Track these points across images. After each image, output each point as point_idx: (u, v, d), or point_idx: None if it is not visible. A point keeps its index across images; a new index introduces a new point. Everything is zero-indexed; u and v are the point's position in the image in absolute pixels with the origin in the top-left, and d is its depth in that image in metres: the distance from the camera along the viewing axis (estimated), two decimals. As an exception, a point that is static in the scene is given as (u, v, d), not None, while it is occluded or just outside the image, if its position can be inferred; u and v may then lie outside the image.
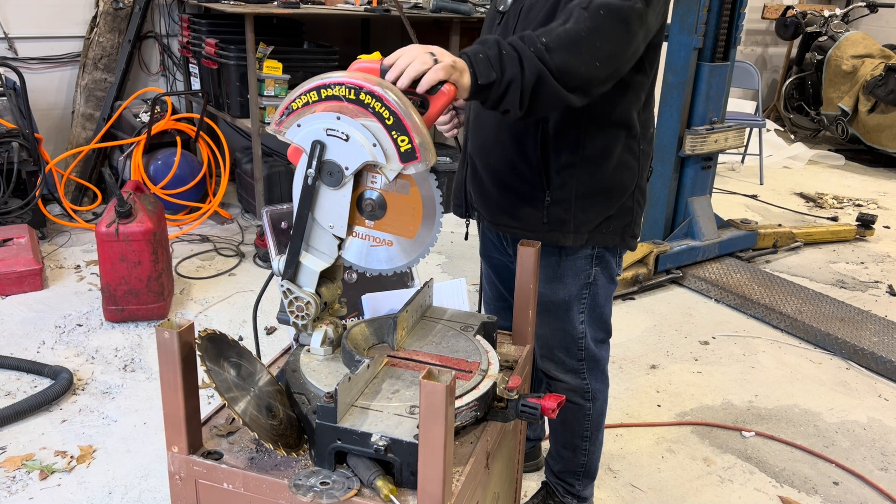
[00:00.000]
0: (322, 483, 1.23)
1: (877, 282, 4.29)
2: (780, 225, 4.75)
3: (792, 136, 7.59)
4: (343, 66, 1.59)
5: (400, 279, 1.96)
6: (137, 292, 3.25)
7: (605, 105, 1.74)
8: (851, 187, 6.25)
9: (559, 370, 2.02)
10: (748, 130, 5.67)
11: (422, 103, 1.40)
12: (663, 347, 3.38)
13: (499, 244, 2.06)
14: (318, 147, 1.37)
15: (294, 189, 1.42)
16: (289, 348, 1.70)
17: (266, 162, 4.51)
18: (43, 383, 2.81)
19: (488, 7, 2.00)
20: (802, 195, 5.90)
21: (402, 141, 1.34)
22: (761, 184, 6.06)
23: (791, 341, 3.53)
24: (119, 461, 2.44)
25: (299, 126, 1.38)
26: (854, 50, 6.81)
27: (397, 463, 1.24)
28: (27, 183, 4.14)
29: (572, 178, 1.80)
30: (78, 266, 3.88)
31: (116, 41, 4.66)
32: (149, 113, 4.46)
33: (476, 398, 1.36)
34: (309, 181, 1.39)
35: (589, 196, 1.82)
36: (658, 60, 1.85)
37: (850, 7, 7.58)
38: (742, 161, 6.53)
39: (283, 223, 1.91)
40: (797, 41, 7.53)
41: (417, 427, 1.20)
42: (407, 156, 1.35)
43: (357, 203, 1.44)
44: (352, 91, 1.33)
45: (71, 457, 2.44)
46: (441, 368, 1.40)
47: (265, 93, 4.27)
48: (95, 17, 4.62)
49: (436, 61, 1.37)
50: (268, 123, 3.37)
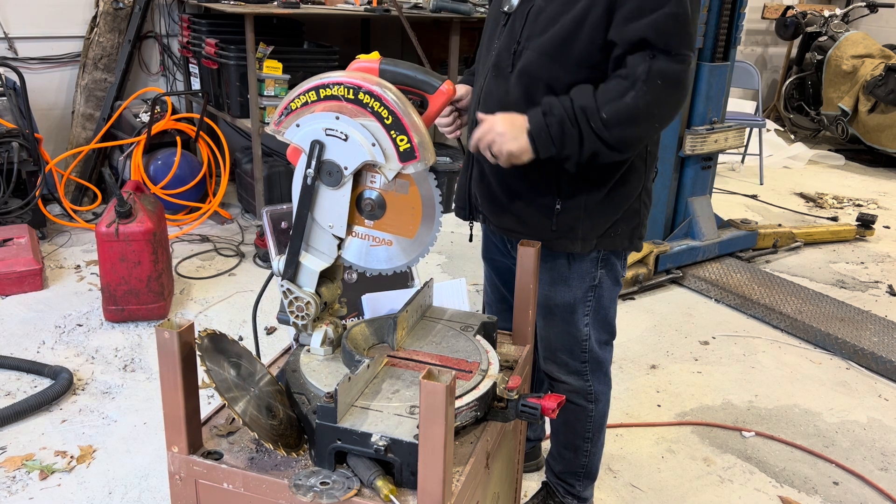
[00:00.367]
0: (322, 483, 1.23)
1: (877, 282, 4.28)
2: (780, 225, 4.75)
3: (792, 136, 7.59)
4: (343, 66, 1.59)
5: (400, 279, 1.96)
6: (137, 292, 3.24)
7: None
8: (851, 187, 6.25)
9: (562, 372, 2.01)
10: (748, 130, 5.67)
11: (421, 103, 1.41)
12: (663, 347, 3.38)
13: (502, 247, 2.06)
14: (318, 147, 1.37)
15: (293, 189, 1.42)
16: (289, 348, 1.70)
17: (266, 162, 4.50)
18: (43, 383, 2.81)
19: (489, 7, 1.98)
20: (802, 195, 5.90)
21: (401, 140, 1.34)
22: (761, 184, 6.06)
23: (791, 341, 3.53)
24: (119, 461, 2.44)
25: (298, 126, 1.38)
26: (854, 50, 6.81)
27: (397, 463, 1.24)
28: (27, 183, 4.14)
29: (584, 185, 1.78)
30: (78, 266, 3.88)
31: (116, 41, 4.66)
32: (149, 113, 4.46)
33: (476, 398, 1.37)
34: (308, 181, 1.40)
35: (598, 202, 1.80)
36: None
37: (850, 7, 7.57)
38: (742, 161, 6.52)
39: (283, 223, 1.91)
40: (797, 41, 7.53)
41: (417, 427, 1.20)
42: (406, 155, 1.35)
43: (356, 203, 1.44)
44: (351, 91, 1.33)
45: (71, 457, 2.44)
46: (441, 368, 1.40)
47: (265, 93, 4.27)
48: (95, 17, 4.62)
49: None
50: (268, 123, 3.37)
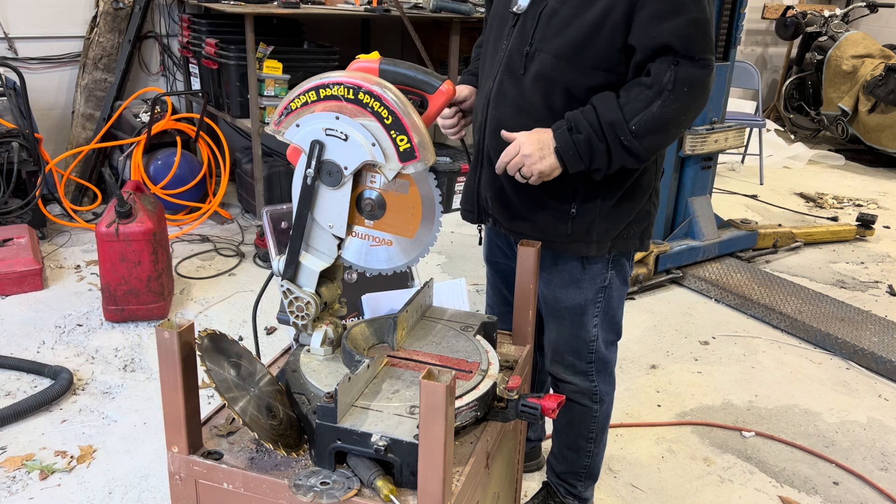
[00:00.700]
0: (322, 483, 1.23)
1: (877, 282, 4.28)
2: (780, 225, 4.75)
3: (792, 136, 7.59)
4: (343, 66, 1.59)
5: (400, 279, 1.96)
6: (137, 292, 3.24)
7: None
8: (851, 187, 6.24)
9: (568, 373, 2.00)
10: (748, 130, 5.67)
11: (421, 103, 1.41)
12: (663, 347, 3.38)
13: (507, 250, 2.04)
14: (317, 147, 1.37)
15: (293, 189, 1.42)
16: (289, 348, 1.70)
17: (266, 162, 4.50)
18: (43, 383, 2.81)
19: (494, 5, 1.91)
20: (802, 195, 5.90)
21: (401, 140, 1.34)
22: (761, 184, 6.06)
23: (791, 341, 3.53)
24: (119, 461, 2.44)
25: (298, 126, 1.38)
26: (854, 50, 6.81)
27: (397, 463, 1.24)
28: (27, 183, 4.14)
29: (600, 189, 1.77)
30: (78, 266, 3.87)
31: (116, 41, 4.66)
32: (149, 113, 4.46)
33: (476, 398, 1.36)
34: (308, 181, 1.40)
35: (613, 205, 1.79)
36: None
37: (850, 7, 7.57)
38: (742, 161, 6.52)
39: (283, 223, 1.91)
40: (797, 41, 7.53)
41: (417, 427, 1.20)
42: (406, 155, 1.35)
43: (356, 203, 1.44)
44: (350, 91, 1.33)
45: (71, 457, 2.44)
46: (441, 368, 1.40)
47: (265, 93, 4.27)
48: (95, 17, 4.62)
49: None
50: (268, 123, 3.37)
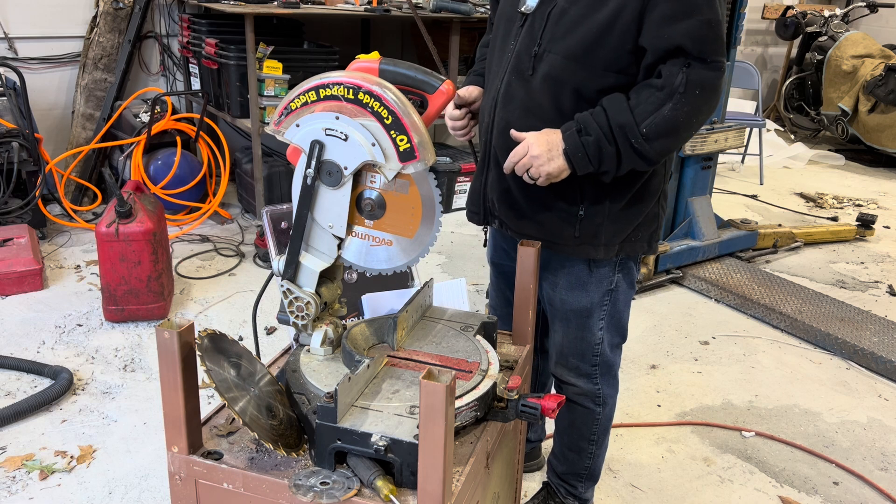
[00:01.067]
0: (322, 483, 1.23)
1: (877, 282, 4.28)
2: (780, 225, 4.75)
3: (792, 136, 7.59)
4: (343, 66, 1.59)
5: (400, 279, 1.96)
6: (137, 292, 3.24)
7: None
8: (851, 187, 6.24)
9: (572, 375, 1.99)
10: (748, 130, 5.67)
11: (421, 103, 1.41)
12: (663, 347, 3.38)
13: (512, 252, 2.00)
14: (317, 147, 1.37)
15: (293, 189, 1.42)
16: (289, 348, 1.70)
17: (266, 162, 4.50)
18: (43, 383, 2.81)
19: (501, 5, 1.87)
20: (802, 195, 5.90)
21: (401, 140, 1.34)
22: (761, 184, 6.06)
23: (791, 341, 3.53)
24: (119, 461, 2.44)
25: (298, 126, 1.38)
26: (854, 50, 6.81)
27: (397, 463, 1.24)
28: (27, 183, 4.14)
29: (608, 191, 1.75)
30: (78, 266, 3.87)
31: (116, 41, 4.66)
32: (149, 113, 4.46)
33: (476, 398, 1.36)
34: (308, 181, 1.40)
35: (621, 207, 1.78)
36: None
37: (850, 7, 7.57)
38: (742, 161, 6.52)
39: (283, 223, 1.91)
40: (797, 41, 7.53)
41: (417, 427, 1.20)
42: (406, 155, 1.35)
43: (356, 203, 1.44)
44: (350, 91, 1.33)
45: (71, 457, 2.44)
46: (441, 368, 1.40)
47: (265, 93, 4.27)
48: (95, 17, 4.62)
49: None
50: (268, 123, 3.37)
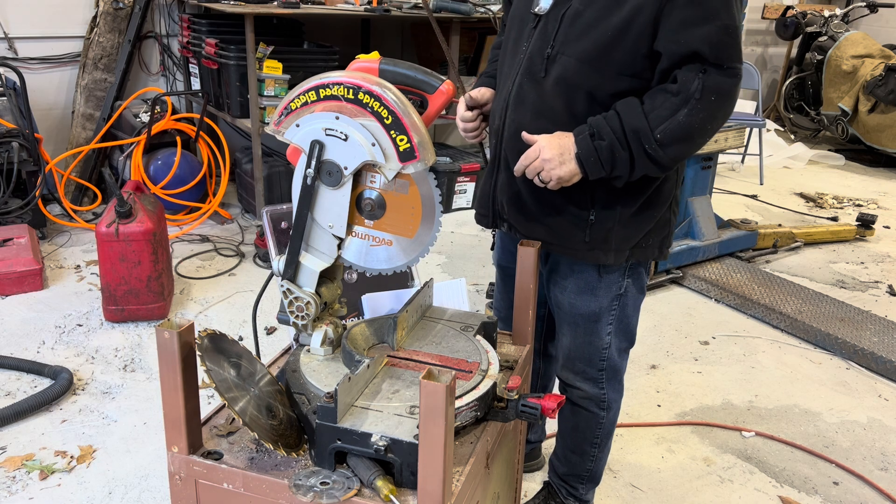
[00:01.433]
0: (322, 483, 1.23)
1: (877, 282, 4.28)
2: (780, 225, 4.75)
3: (792, 136, 7.59)
4: (343, 66, 1.59)
5: (400, 279, 1.96)
6: (137, 292, 3.24)
7: None
8: (851, 187, 6.24)
9: (578, 379, 1.99)
10: (748, 130, 5.67)
11: (421, 103, 1.41)
12: (663, 347, 3.38)
13: None
14: (317, 147, 1.37)
15: (293, 189, 1.42)
16: (289, 348, 1.70)
17: (266, 162, 4.50)
18: (43, 383, 2.81)
19: (514, 6, 1.85)
20: (802, 195, 5.90)
21: (401, 140, 1.34)
22: (761, 184, 6.06)
23: (791, 341, 3.53)
24: (119, 461, 2.44)
25: (298, 126, 1.38)
26: (854, 50, 6.81)
27: (397, 463, 1.24)
28: (27, 183, 4.14)
29: (619, 196, 1.73)
30: (78, 266, 3.87)
31: (116, 41, 4.66)
32: (149, 113, 4.46)
33: (476, 398, 1.36)
34: (308, 181, 1.40)
35: (632, 213, 1.76)
36: None
37: (850, 7, 7.57)
38: (742, 161, 6.52)
39: (283, 223, 1.91)
40: (797, 41, 7.53)
41: (417, 427, 1.20)
42: (406, 155, 1.35)
43: (356, 203, 1.44)
44: (350, 91, 1.33)
45: (71, 457, 2.44)
46: (441, 368, 1.40)
47: (265, 93, 4.27)
48: (95, 17, 4.62)
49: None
50: (268, 123, 3.37)
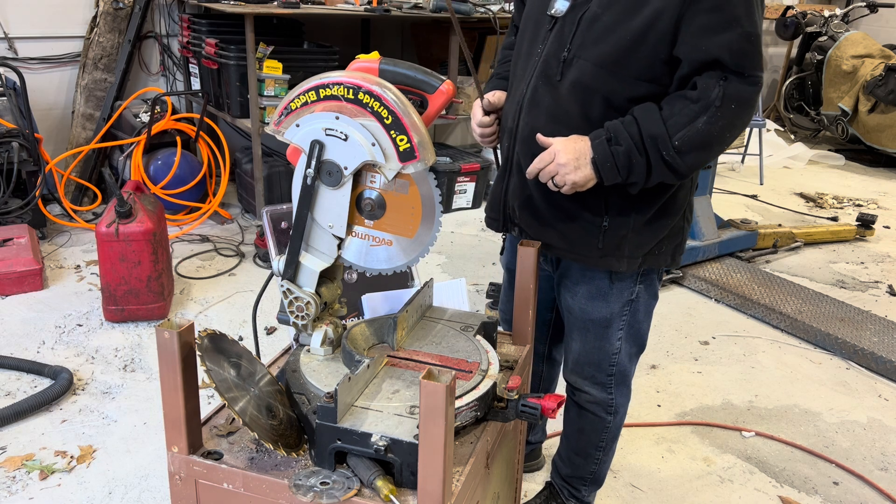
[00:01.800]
0: (322, 483, 1.23)
1: (877, 282, 4.28)
2: (780, 225, 4.75)
3: (792, 136, 7.59)
4: (343, 66, 1.59)
5: (400, 279, 1.96)
6: (137, 292, 3.24)
7: None
8: (851, 187, 6.24)
9: (587, 383, 1.98)
10: (748, 130, 5.67)
11: (421, 103, 1.41)
12: (663, 347, 3.38)
13: None
14: (317, 147, 1.37)
15: (293, 189, 1.42)
16: (289, 348, 1.70)
17: (266, 162, 4.50)
18: (43, 383, 2.81)
19: (527, 7, 1.84)
20: (802, 195, 5.90)
21: (401, 140, 1.34)
22: (761, 184, 6.06)
23: (791, 341, 3.53)
24: (119, 461, 2.44)
25: (298, 126, 1.38)
26: (854, 50, 6.81)
27: (397, 463, 1.24)
28: (27, 183, 4.14)
29: (634, 203, 1.72)
30: (78, 266, 3.87)
31: (116, 41, 4.66)
32: (149, 113, 4.46)
33: (476, 398, 1.36)
34: (308, 181, 1.40)
35: (646, 220, 1.74)
36: None
37: (850, 7, 7.57)
38: (742, 161, 6.52)
39: (283, 223, 1.91)
40: (797, 41, 7.53)
41: (417, 427, 1.20)
42: (406, 155, 1.35)
43: (356, 203, 1.44)
44: (350, 91, 1.33)
45: (71, 457, 2.44)
46: (441, 368, 1.40)
47: (265, 93, 4.27)
48: (95, 17, 4.62)
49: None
50: (268, 123, 3.36)
